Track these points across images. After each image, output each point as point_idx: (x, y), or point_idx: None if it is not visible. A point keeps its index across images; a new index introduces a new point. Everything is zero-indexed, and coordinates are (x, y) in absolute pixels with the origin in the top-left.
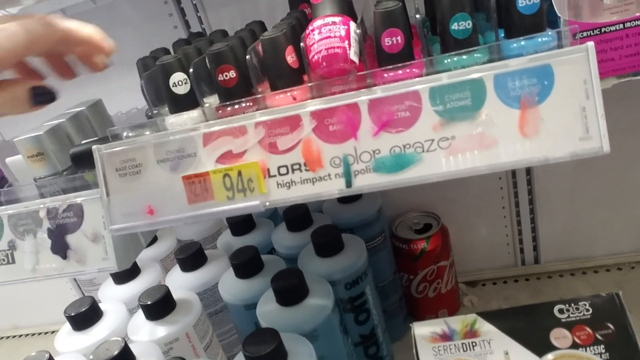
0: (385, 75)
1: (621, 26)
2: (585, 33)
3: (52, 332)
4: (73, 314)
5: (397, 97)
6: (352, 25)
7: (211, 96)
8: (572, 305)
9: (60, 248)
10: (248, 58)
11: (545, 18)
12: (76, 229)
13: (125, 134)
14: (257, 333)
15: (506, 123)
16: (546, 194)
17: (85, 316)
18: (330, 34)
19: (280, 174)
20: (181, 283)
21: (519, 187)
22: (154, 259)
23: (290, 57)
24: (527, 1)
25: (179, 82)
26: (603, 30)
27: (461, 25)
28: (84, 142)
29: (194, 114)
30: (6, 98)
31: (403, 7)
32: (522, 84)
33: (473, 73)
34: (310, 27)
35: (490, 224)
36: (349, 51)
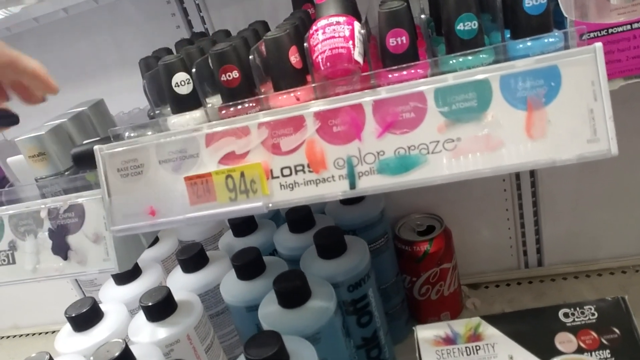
0: (389, 75)
1: (628, 27)
2: (592, 34)
3: (53, 332)
4: (74, 315)
5: (402, 98)
6: (357, 25)
7: (214, 96)
8: (578, 309)
9: (61, 249)
10: (251, 58)
11: (552, 18)
12: (77, 230)
13: (127, 134)
14: (259, 335)
15: (512, 125)
16: (550, 196)
17: (85, 317)
18: (334, 34)
19: (283, 175)
20: (182, 284)
21: (523, 189)
22: (155, 260)
23: (293, 58)
24: (534, 1)
25: (182, 82)
26: (610, 31)
27: (467, 25)
28: (86, 142)
29: (197, 114)
30: None
31: (408, 7)
32: (529, 85)
33: (479, 74)
34: (314, 27)
35: (493, 226)
36: (354, 51)
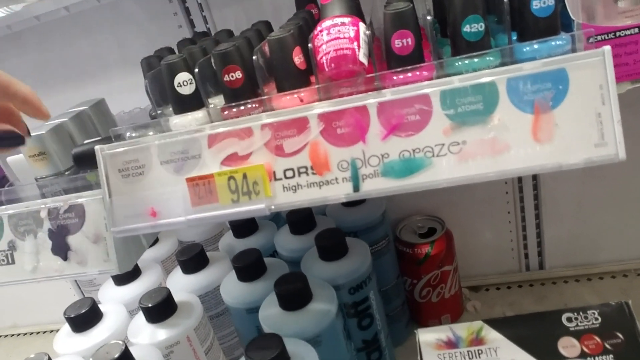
0: (394, 77)
1: (636, 30)
2: (599, 37)
3: (51, 332)
4: (73, 316)
5: (407, 100)
6: (362, 26)
7: (216, 97)
8: (581, 313)
9: (60, 249)
10: (255, 58)
11: (559, 21)
12: (77, 230)
13: (128, 134)
14: (260, 338)
15: (519, 128)
16: (553, 199)
17: (85, 318)
18: (339, 35)
19: (286, 177)
20: (182, 285)
21: (525, 192)
22: (155, 260)
23: (297, 58)
24: (542, 3)
25: (184, 82)
26: (617, 34)
27: (473, 27)
28: (87, 142)
29: (199, 115)
30: None
31: (414, 9)
32: (536, 88)
33: (485, 76)
34: (318, 28)
35: (495, 229)
36: (358, 53)
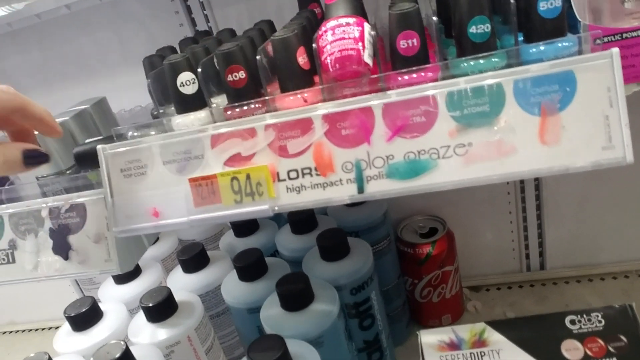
0: (399, 78)
1: None
2: (605, 38)
3: (49, 329)
4: (73, 315)
5: (413, 102)
6: (367, 26)
7: (219, 96)
8: (584, 316)
9: (62, 248)
10: (258, 58)
11: (566, 22)
12: (78, 230)
13: (130, 134)
14: (262, 339)
15: (526, 130)
16: (554, 200)
17: (85, 317)
18: (344, 35)
19: (290, 178)
20: (183, 284)
21: (527, 193)
22: (155, 259)
23: (301, 59)
24: (549, 5)
25: (187, 82)
26: (624, 35)
27: (479, 28)
28: (88, 141)
29: (202, 115)
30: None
31: (419, 9)
32: (543, 90)
33: (492, 78)
34: (323, 28)
35: (496, 229)
36: (363, 53)
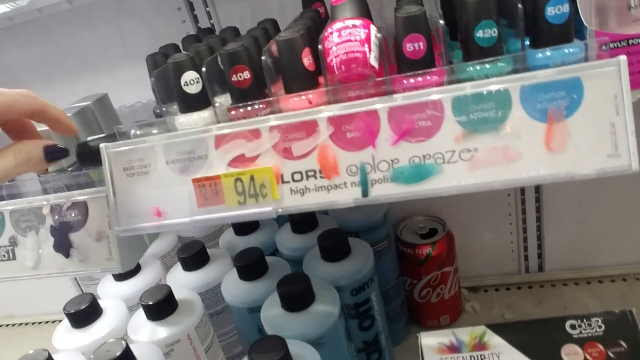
0: (405, 81)
1: None
2: (611, 44)
3: (47, 323)
4: (72, 311)
5: (419, 106)
6: (373, 28)
7: (222, 95)
8: (585, 321)
9: (63, 246)
10: (264, 59)
11: (573, 28)
12: (80, 228)
13: (133, 132)
14: (263, 341)
15: (532, 137)
16: (554, 202)
17: (85, 314)
18: (350, 38)
19: (294, 180)
20: (183, 282)
21: (527, 195)
22: (155, 256)
23: (306, 60)
24: (557, 10)
25: (191, 81)
26: (630, 42)
27: (486, 33)
28: (90, 139)
29: (205, 114)
30: (23, 158)
31: (426, 12)
32: (550, 97)
33: (498, 83)
34: (329, 30)
35: (495, 230)
36: (369, 56)
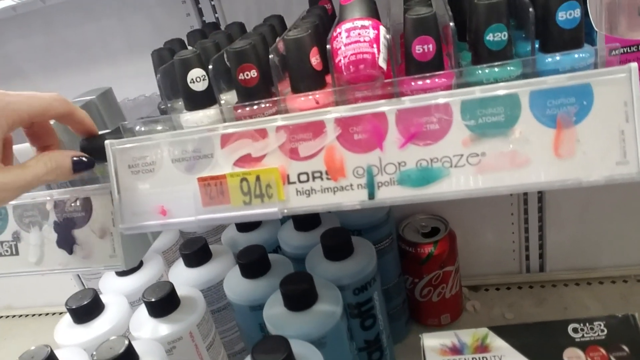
0: (413, 83)
1: None
2: (622, 49)
3: (47, 315)
4: (74, 307)
5: (427, 109)
6: (382, 29)
7: (228, 92)
8: (587, 324)
9: (66, 242)
10: (271, 57)
11: (584, 33)
12: (83, 224)
13: (138, 128)
14: (266, 341)
15: (540, 142)
16: (557, 203)
17: (87, 309)
18: (359, 38)
19: (300, 181)
20: (185, 279)
21: (529, 195)
22: (156, 251)
23: (314, 59)
24: (568, 15)
25: (197, 79)
26: None
27: (497, 36)
28: None
29: (211, 112)
30: (53, 166)
31: (436, 14)
32: (560, 103)
33: (508, 88)
34: (338, 30)
35: (497, 230)
36: (378, 57)
